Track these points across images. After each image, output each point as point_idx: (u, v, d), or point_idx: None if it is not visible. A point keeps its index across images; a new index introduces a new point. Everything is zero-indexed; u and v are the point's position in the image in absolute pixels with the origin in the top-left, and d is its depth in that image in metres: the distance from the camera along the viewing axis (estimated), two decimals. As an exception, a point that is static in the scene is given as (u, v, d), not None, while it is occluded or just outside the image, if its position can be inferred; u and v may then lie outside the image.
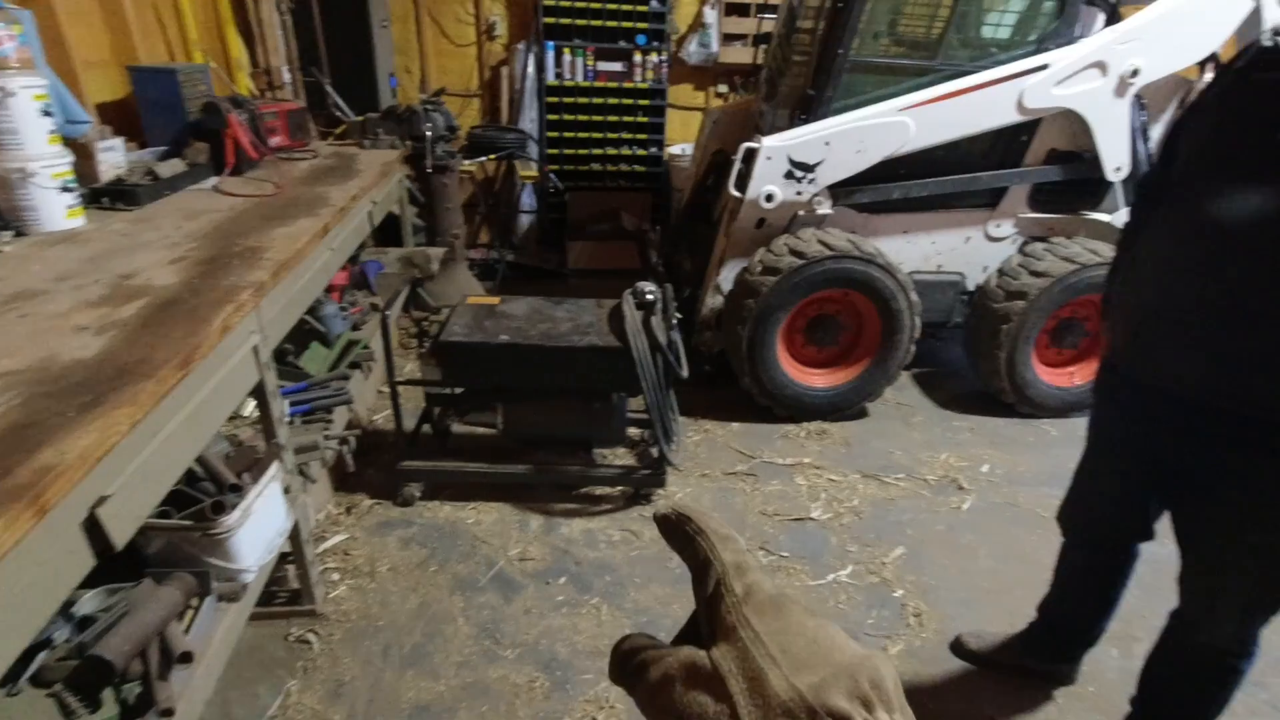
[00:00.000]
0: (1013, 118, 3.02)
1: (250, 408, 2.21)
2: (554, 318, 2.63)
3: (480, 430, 2.93)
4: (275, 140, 2.84)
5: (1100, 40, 2.97)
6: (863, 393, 3.27)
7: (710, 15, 4.79)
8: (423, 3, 4.67)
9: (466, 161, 4.27)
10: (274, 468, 1.74)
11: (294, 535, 1.98)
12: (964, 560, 2.52)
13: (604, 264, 4.86)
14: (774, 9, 4.00)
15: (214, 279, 1.62)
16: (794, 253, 2.97)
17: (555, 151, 4.89)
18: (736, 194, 3.06)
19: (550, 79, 4.67)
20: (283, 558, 2.15)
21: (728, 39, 4.87)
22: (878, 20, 3.11)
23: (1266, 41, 1.24)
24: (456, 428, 2.91)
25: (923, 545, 2.58)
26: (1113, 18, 3.48)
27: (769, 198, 3.04)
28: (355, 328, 3.03)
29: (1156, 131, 3.29)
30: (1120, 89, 3.00)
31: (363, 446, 2.87)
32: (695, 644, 0.31)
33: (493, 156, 4.36)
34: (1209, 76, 3.20)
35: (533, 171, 4.79)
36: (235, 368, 1.55)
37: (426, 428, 2.89)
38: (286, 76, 3.36)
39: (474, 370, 2.52)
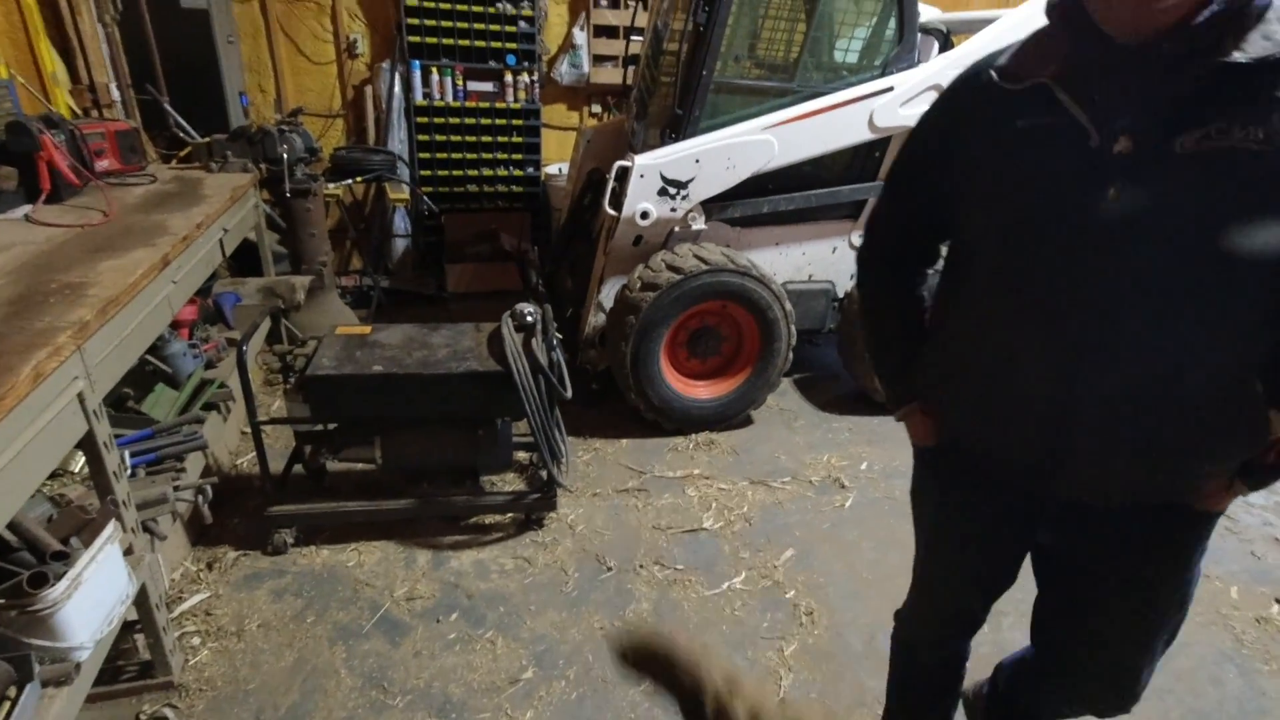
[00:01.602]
0: (866, 135, 3.23)
1: (80, 462, 1.97)
2: (431, 344, 2.53)
3: (358, 466, 2.77)
4: (103, 164, 2.57)
5: (936, 65, 3.24)
6: (746, 401, 3.36)
7: (580, 36, 4.83)
8: (274, 18, 4.42)
9: (331, 185, 4.06)
10: (110, 528, 1.55)
11: (141, 600, 1.77)
12: (849, 555, 2.63)
13: (485, 286, 4.76)
14: (641, 31, 4.08)
15: (24, 320, 1.43)
16: (671, 268, 3.02)
17: (428, 173, 4.74)
18: (612, 212, 3.08)
19: (419, 99, 4.54)
20: (129, 626, 1.92)
21: (598, 60, 4.93)
22: (737, 44, 3.25)
23: (1013, 84, 1.04)
24: (331, 465, 2.72)
25: (811, 545, 2.68)
26: (945, 45, 3.83)
27: (644, 215, 3.08)
28: (209, 366, 2.79)
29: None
30: (955, 109, 3.28)
31: (226, 493, 2.64)
32: None
33: (360, 179, 4.17)
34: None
35: (404, 194, 4.62)
36: (55, 419, 1.37)
37: (298, 468, 2.69)
38: (116, 94, 3.06)
39: (346, 404, 2.37)
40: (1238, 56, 0.88)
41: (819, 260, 3.63)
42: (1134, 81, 0.95)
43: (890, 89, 3.18)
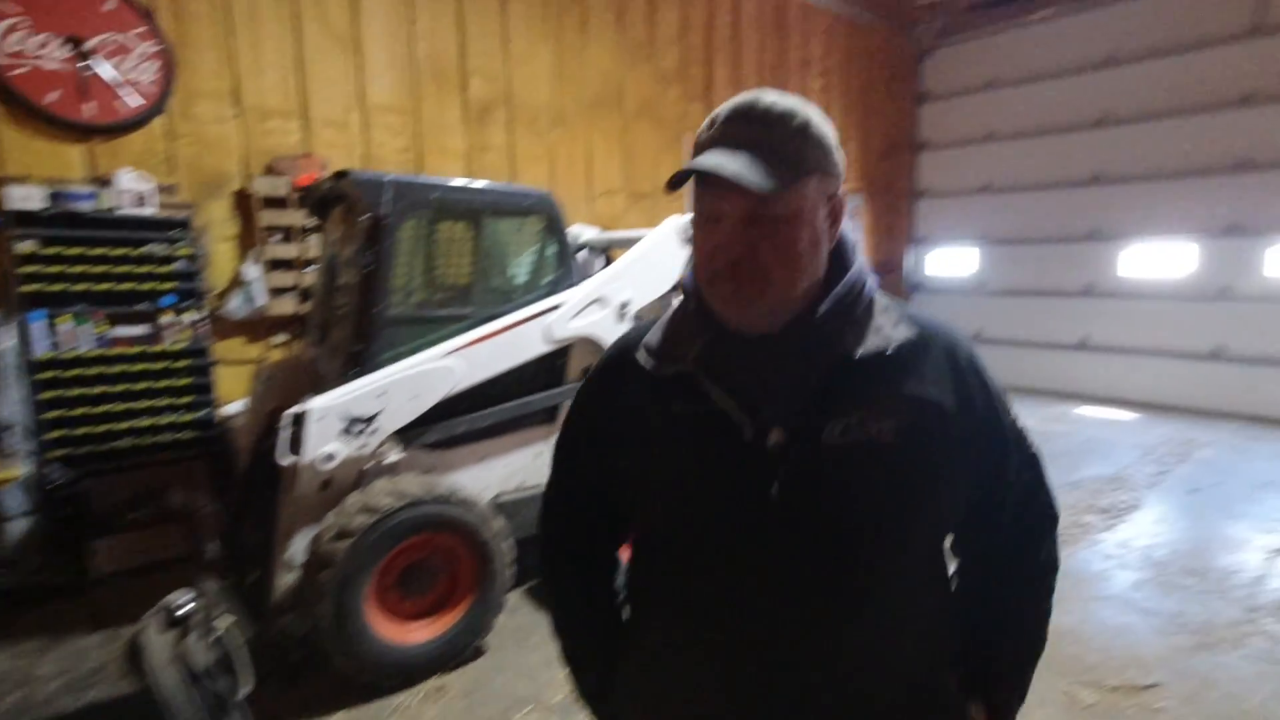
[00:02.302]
0: (544, 348, 3.48)
1: None
2: (37, 677, 1.97)
3: None
4: None
5: (596, 281, 3.67)
6: (473, 631, 3.13)
7: (252, 271, 4.64)
8: None
9: (-98, 474, 3.17)
10: None
11: None
12: (599, 786, 2.45)
13: (148, 557, 3.96)
14: (317, 261, 4.05)
15: None
16: (366, 510, 2.82)
17: (62, 434, 3.97)
18: (290, 461, 2.83)
19: (42, 352, 3.88)
20: None
21: (276, 291, 4.74)
22: (411, 278, 3.36)
23: (660, 365, 0.99)
24: None
25: (558, 786, 2.46)
26: (608, 260, 4.39)
27: (329, 458, 2.88)
28: None
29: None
30: (619, 316, 3.71)
31: None
32: None
33: (-50, 459, 3.33)
34: (678, 299, 4.19)
35: (14, 471, 3.76)
36: None
37: None
38: None
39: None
40: (855, 351, 0.93)
41: (526, 467, 3.69)
42: (774, 371, 0.95)
43: (559, 305, 3.51)
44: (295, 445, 2.85)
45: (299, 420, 2.84)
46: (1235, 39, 6.95)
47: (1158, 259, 7.80)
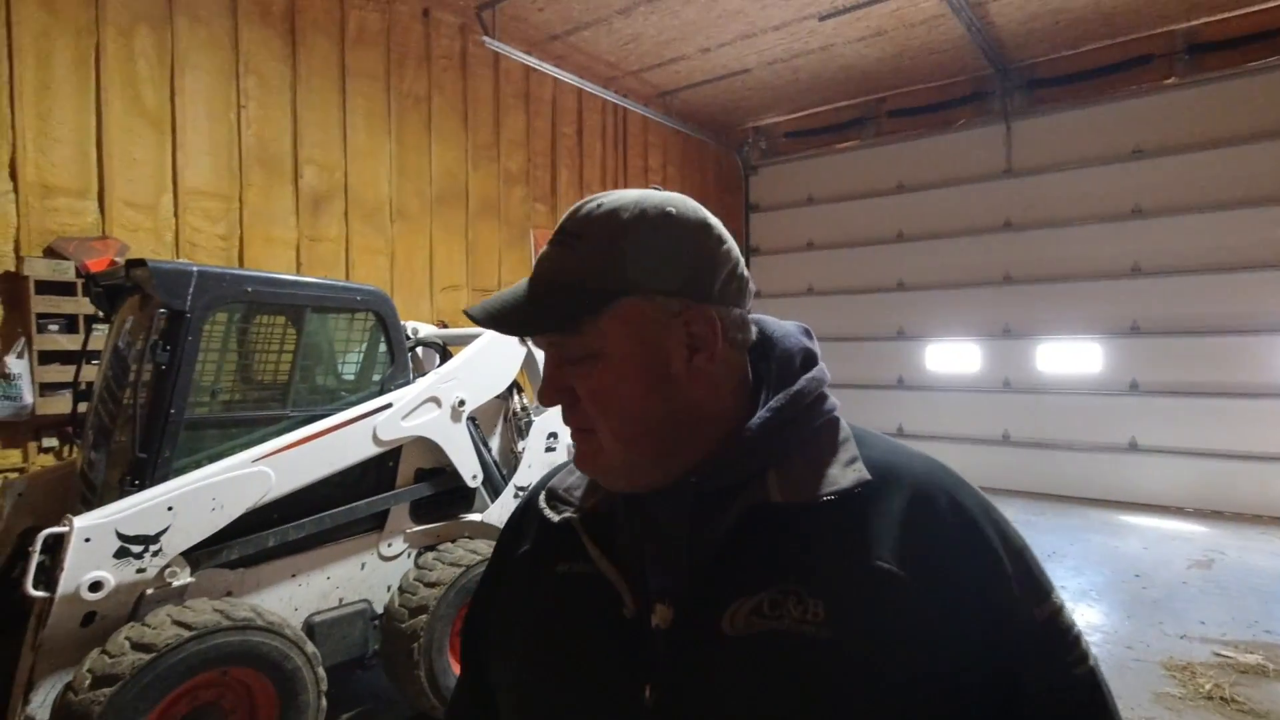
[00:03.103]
0: (373, 450, 3.24)
1: None
2: None
3: None
4: None
5: (429, 380, 3.52)
6: (273, 784, 2.70)
7: (17, 365, 4.01)
8: None
9: None
10: None
11: None
12: None
13: None
14: (99, 354, 3.57)
15: None
16: (140, 647, 2.39)
17: None
18: (40, 593, 2.37)
19: None
20: None
21: (48, 388, 4.11)
22: (218, 376, 3.05)
23: (551, 513, 0.83)
24: None
25: None
26: (445, 357, 4.26)
27: (95, 586, 2.44)
28: None
29: (495, 442, 4.00)
30: (455, 415, 3.56)
31: None
32: None
33: None
34: (519, 398, 4.12)
35: None
36: None
37: None
38: None
39: None
40: (781, 497, 0.71)
41: (348, 581, 3.34)
42: (670, 528, 0.75)
43: (389, 405, 3.31)
44: (50, 574, 2.40)
45: (56, 543, 2.41)
46: (994, 178, 8.38)
47: (953, 355, 8.88)
